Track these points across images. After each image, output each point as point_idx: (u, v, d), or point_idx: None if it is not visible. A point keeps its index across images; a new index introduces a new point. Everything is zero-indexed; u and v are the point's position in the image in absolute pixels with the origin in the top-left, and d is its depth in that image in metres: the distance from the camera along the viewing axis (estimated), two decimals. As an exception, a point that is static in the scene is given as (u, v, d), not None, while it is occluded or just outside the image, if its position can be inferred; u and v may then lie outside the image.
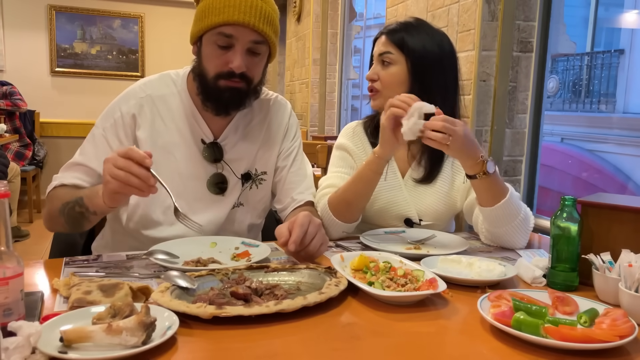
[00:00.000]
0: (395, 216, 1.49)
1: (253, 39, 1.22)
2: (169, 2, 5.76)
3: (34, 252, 3.88)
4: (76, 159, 1.29)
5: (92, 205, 1.13)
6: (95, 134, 1.30)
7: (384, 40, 1.47)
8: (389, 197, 1.48)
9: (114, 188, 1.02)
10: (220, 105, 1.26)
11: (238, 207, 1.39)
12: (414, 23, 1.48)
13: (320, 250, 1.14)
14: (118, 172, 1.00)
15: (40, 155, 5.11)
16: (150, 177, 1.01)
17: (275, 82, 6.17)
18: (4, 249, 0.73)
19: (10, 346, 0.65)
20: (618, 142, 6.97)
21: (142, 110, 1.31)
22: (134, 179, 0.99)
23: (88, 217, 1.16)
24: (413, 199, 1.50)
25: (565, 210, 1.05)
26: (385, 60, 1.45)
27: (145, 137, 1.30)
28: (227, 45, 1.21)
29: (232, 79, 1.22)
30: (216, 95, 1.25)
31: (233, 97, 1.25)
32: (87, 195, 1.15)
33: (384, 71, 1.46)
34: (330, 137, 4.13)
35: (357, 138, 1.56)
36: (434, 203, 1.49)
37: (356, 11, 4.73)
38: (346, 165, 1.53)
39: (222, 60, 1.22)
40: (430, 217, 1.49)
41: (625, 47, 7.62)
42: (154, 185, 1.02)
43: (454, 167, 1.53)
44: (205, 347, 0.76)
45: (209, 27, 1.21)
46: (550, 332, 0.77)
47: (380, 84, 1.46)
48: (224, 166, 1.36)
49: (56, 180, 1.27)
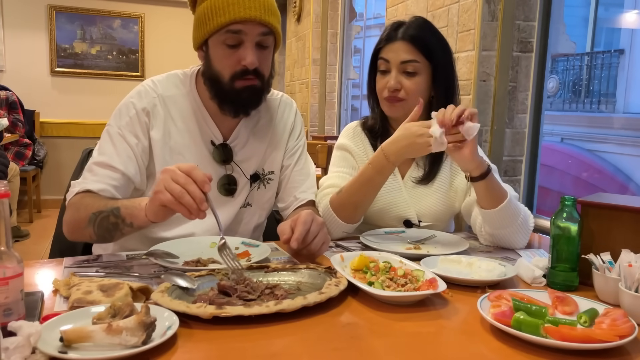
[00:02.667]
0: (394, 217, 1.49)
1: (261, 32, 1.21)
2: (169, 2, 5.76)
3: (34, 252, 3.88)
4: (96, 159, 1.24)
5: (131, 216, 1.09)
6: (112, 133, 1.27)
7: (405, 47, 1.41)
8: (389, 199, 1.48)
9: (164, 201, 0.98)
10: (239, 106, 1.26)
11: (246, 207, 1.39)
12: (425, 23, 1.45)
13: (321, 249, 1.14)
14: (174, 186, 0.96)
15: (40, 155, 5.10)
16: (204, 201, 0.97)
17: (276, 82, 6.16)
18: (4, 249, 0.73)
19: (10, 346, 0.65)
20: (618, 142, 6.96)
21: (155, 109, 1.29)
22: (188, 197, 0.96)
23: (122, 229, 1.12)
24: (412, 200, 1.50)
25: (565, 210, 1.05)
26: (410, 69, 1.41)
27: (159, 137, 1.28)
28: (237, 42, 1.21)
29: (247, 76, 1.22)
30: (234, 97, 1.24)
31: (251, 97, 1.25)
32: (125, 205, 1.11)
33: (409, 81, 1.41)
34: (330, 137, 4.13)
35: (357, 138, 1.56)
36: (433, 204, 1.49)
37: (356, 11, 4.73)
38: (347, 165, 1.52)
39: (234, 60, 1.21)
40: (430, 218, 1.49)
41: (625, 47, 7.62)
42: (205, 210, 0.98)
43: (452, 169, 1.52)
44: (205, 347, 0.76)
45: (216, 29, 1.19)
46: (550, 332, 0.77)
47: (404, 92, 1.42)
48: (233, 167, 1.36)
49: (77, 185, 1.21)
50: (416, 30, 1.42)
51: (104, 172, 1.22)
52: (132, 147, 1.26)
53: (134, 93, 1.31)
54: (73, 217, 1.18)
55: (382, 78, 1.45)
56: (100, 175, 1.21)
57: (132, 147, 1.26)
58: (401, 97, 1.42)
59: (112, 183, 1.21)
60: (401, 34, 1.42)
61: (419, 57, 1.41)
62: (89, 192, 1.19)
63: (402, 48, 1.41)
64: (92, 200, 1.17)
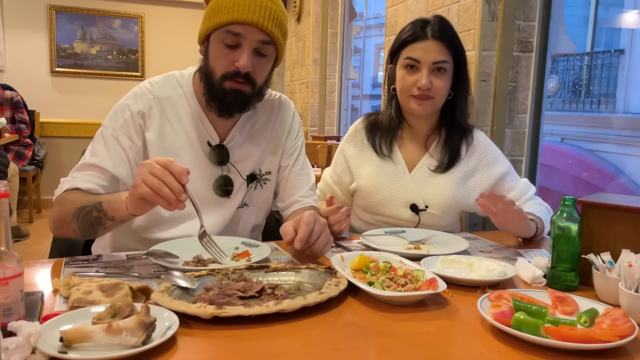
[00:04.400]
0: (400, 203, 1.52)
1: (260, 39, 1.21)
2: (169, 2, 5.75)
3: (34, 252, 3.88)
4: (88, 160, 1.25)
5: (112, 210, 1.10)
6: (105, 135, 1.27)
7: (437, 47, 1.44)
8: (391, 188, 1.52)
9: (143, 193, 0.99)
10: (223, 107, 1.26)
11: (243, 207, 1.39)
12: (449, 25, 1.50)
13: (324, 249, 1.14)
14: (152, 178, 0.98)
15: (40, 155, 5.10)
16: (182, 192, 0.99)
17: (275, 82, 6.16)
18: (4, 249, 0.73)
19: (10, 346, 0.65)
20: (618, 142, 6.96)
21: (151, 111, 1.29)
22: (167, 190, 0.97)
23: (105, 223, 1.12)
24: (418, 186, 1.52)
25: (565, 210, 1.05)
26: (443, 68, 1.46)
27: (154, 139, 1.28)
28: (235, 44, 1.21)
29: (237, 79, 1.22)
30: (221, 96, 1.24)
31: (236, 100, 1.25)
32: (107, 199, 1.12)
33: (439, 80, 1.46)
34: (330, 137, 4.13)
35: (357, 138, 1.58)
36: (440, 193, 1.52)
37: (356, 11, 4.73)
38: (336, 171, 1.63)
39: (229, 60, 1.21)
40: (436, 207, 1.51)
41: (625, 47, 7.62)
42: (184, 201, 0.99)
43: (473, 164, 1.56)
44: (205, 347, 0.76)
45: (217, 26, 1.20)
46: (550, 332, 0.77)
47: (434, 91, 1.46)
48: (230, 168, 1.36)
49: (66, 183, 1.22)
50: (446, 30, 1.46)
51: (93, 173, 1.23)
52: (125, 150, 1.26)
53: (130, 95, 1.32)
54: (57, 213, 1.18)
55: (411, 75, 1.47)
56: (89, 175, 1.22)
57: (125, 149, 1.26)
58: (431, 95, 1.46)
59: (101, 183, 1.22)
60: (431, 33, 1.45)
61: (448, 57, 1.45)
62: (76, 190, 1.20)
63: (434, 47, 1.44)
64: (77, 195, 1.18)
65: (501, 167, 1.57)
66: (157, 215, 1.29)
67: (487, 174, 1.56)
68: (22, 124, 4.83)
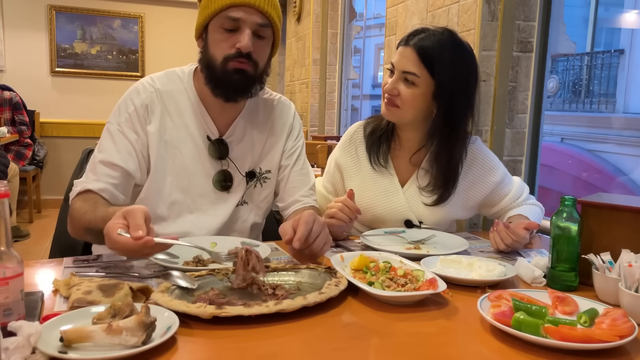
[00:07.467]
0: (394, 221, 1.51)
1: (259, 22, 1.24)
2: (169, 2, 5.76)
3: (34, 252, 3.88)
4: (97, 157, 1.27)
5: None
6: (112, 130, 1.29)
7: (411, 56, 1.36)
8: (386, 204, 1.50)
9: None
10: (230, 89, 1.27)
11: (242, 205, 1.40)
12: (447, 40, 1.38)
13: (323, 249, 1.15)
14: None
15: (40, 155, 5.10)
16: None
17: (275, 82, 6.16)
18: (4, 249, 0.73)
19: (10, 346, 0.65)
20: (618, 142, 6.96)
21: (153, 104, 1.31)
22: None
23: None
24: (411, 204, 1.50)
25: (565, 210, 1.05)
26: (409, 79, 1.37)
27: (154, 131, 1.30)
28: (234, 28, 1.23)
29: (239, 59, 1.24)
30: (225, 79, 1.25)
31: (241, 80, 1.26)
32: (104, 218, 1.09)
33: (407, 90, 1.38)
34: (330, 137, 4.13)
35: (352, 146, 1.56)
36: (436, 213, 1.50)
37: (356, 11, 4.73)
38: (330, 181, 1.60)
39: (229, 43, 1.24)
40: (430, 223, 1.50)
41: (625, 47, 7.62)
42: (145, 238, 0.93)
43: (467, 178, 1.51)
44: (205, 347, 0.76)
45: (215, 12, 1.23)
46: (550, 332, 0.77)
47: (400, 100, 1.39)
48: (229, 163, 1.37)
49: (79, 185, 1.23)
50: (430, 43, 1.36)
51: (104, 171, 1.24)
52: (132, 143, 1.28)
53: (132, 89, 1.34)
54: (72, 223, 1.21)
55: (387, 78, 1.45)
56: (100, 175, 1.23)
57: (132, 142, 1.28)
58: (397, 104, 1.40)
59: (112, 182, 1.23)
60: (413, 41, 1.38)
61: (420, 70, 1.36)
62: (89, 192, 1.21)
63: (408, 56, 1.37)
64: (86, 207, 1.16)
65: (497, 176, 1.53)
66: (154, 214, 1.29)
67: (483, 185, 1.53)
68: (22, 126, 4.83)
